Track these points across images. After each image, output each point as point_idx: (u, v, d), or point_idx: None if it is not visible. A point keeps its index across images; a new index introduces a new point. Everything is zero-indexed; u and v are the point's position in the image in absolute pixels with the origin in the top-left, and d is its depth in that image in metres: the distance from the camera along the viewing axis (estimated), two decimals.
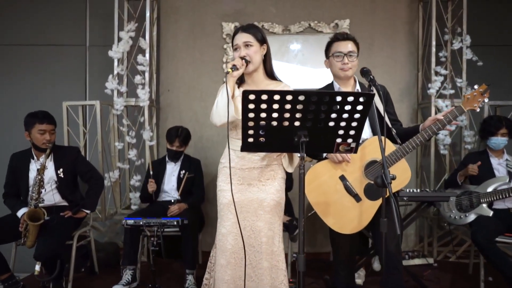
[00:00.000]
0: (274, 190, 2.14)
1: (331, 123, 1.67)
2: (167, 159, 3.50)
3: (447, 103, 3.72)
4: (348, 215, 2.23)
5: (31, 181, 2.95)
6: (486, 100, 2.31)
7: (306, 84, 3.99)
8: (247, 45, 2.11)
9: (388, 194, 1.84)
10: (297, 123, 1.66)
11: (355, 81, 2.44)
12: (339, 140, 1.75)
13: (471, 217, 3.04)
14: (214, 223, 4.02)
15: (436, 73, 3.75)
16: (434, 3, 3.76)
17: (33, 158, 3.01)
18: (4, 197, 3.05)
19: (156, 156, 4.01)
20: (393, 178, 1.80)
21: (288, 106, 1.60)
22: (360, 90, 2.39)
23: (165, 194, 3.46)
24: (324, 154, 2.33)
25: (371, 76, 2.07)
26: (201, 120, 4.10)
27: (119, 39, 3.77)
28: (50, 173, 2.99)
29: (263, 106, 1.60)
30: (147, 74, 3.81)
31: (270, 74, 2.23)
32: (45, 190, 2.93)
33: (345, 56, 2.33)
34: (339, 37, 2.38)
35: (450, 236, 3.69)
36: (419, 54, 4.02)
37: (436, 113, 3.77)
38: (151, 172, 3.37)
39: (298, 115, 1.64)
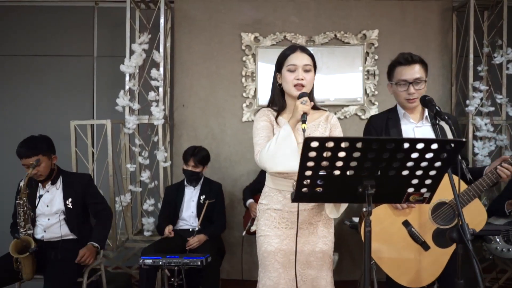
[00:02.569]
0: (327, 233, 1.89)
1: (405, 172, 1.39)
2: (185, 183, 3.22)
3: (486, 121, 3.44)
4: (414, 266, 1.93)
5: (38, 211, 2.69)
6: None
7: (332, 93, 3.74)
8: (306, 69, 1.82)
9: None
10: (363, 172, 1.38)
11: (423, 107, 2.12)
12: (410, 189, 1.47)
13: None
14: (233, 250, 3.80)
15: (475, 89, 3.47)
16: (472, 12, 3.47)
17: (39, 186, 2.73)
18: (11, 227, 2.77)
19: (170, 177, 3.72)
20: (473, 233, 1.52)
21: (356, 154, 1.32)
22: (429, 119, 2.07)
23: (183, 222, 3.18)
24: None
25: (437, 108, 1.78)
26: (218, 137, 3.81)
27: (131, 52, 3.48)
28: (58, 203, 2.70)
29: (327, 154, 1.32)
30: (161, 90, 3.53)
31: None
32: (48, 219, 2.66)
33: (411, 85, 2.01)
34: (402, 61, 2.04)
35: (492, 259, 3.35)
36: (453, 67, 3.74)
37: (474, 132, 3.49)
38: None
39: (367, 164, 1.35)
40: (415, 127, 2.05)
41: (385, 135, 2.03)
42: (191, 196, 3.18)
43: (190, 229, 3.12)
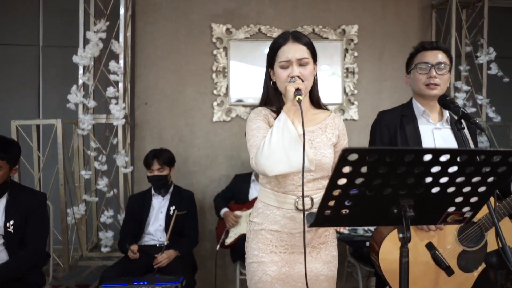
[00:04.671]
0: (331, 257, 1.61)
1: (451, 189, 1.14)
2: (152, 191, 2.83)
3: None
4: None
5: None
6: None
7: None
8: (302, 63, 1.51)
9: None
10: (403, 190, 1.11)
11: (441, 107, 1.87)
12: (451, 209, 1.22)
13: None
14: (204, 263, 3.44)
15: (457, 89, 3.35)
16: (454, 10, 3.35)
17: None
18: None
19: (131, 185, 3.29)
20: None
21: (402, 169, 1.04)
22: (449, 119, 1.82)
23: (149, 237, 2.79)
24: None
25: (463, 110, 1.55)
26: (186, 139, 3.43)
27: (86, 41, 3.02)
28: None
29: (364, 169, 1.03)
30: (121, 85, 3.10)
31: (316, 101, 1.65)
32: None
33: (433, 68, 1.75)
34: (427, 45, 1.81)
35: None
36: None
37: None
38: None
39: (410, 180, 1.08)
40: (434, 128, 1.79)
41: (400, 135, 1.76)
42: (160, 207, 2.80)
43: (157, 245, 2.74)
